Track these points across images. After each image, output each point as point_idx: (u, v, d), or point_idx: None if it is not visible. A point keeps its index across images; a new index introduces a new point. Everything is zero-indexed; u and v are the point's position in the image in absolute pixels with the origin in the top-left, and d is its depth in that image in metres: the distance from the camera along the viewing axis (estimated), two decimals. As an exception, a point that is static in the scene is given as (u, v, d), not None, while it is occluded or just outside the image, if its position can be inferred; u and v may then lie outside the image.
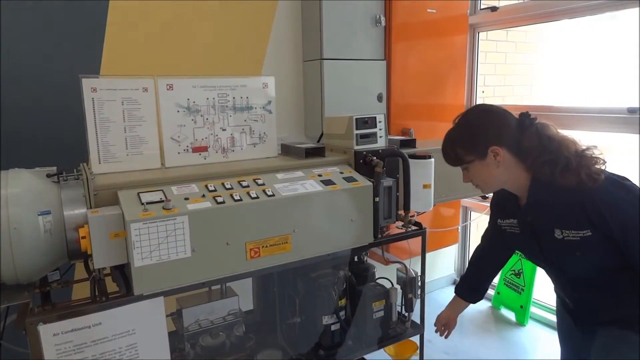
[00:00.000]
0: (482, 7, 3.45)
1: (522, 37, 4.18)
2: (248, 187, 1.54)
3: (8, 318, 1.44)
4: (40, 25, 2.07)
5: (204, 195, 1.46)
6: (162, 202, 1.38)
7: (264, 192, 1.53)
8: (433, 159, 1.85)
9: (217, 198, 1.45)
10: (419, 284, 1.96)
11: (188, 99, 1.65)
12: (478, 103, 3.50)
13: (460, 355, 2.92)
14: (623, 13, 2.82)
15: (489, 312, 3.50)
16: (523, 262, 3.38)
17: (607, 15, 2.93)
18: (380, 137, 1.86)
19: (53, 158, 1.68)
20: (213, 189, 1.50)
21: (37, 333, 1.24)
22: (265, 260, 1.53)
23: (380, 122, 1.85)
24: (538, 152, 1.38)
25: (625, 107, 2.64)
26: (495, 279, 3.52)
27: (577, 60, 4.16)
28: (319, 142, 2.16)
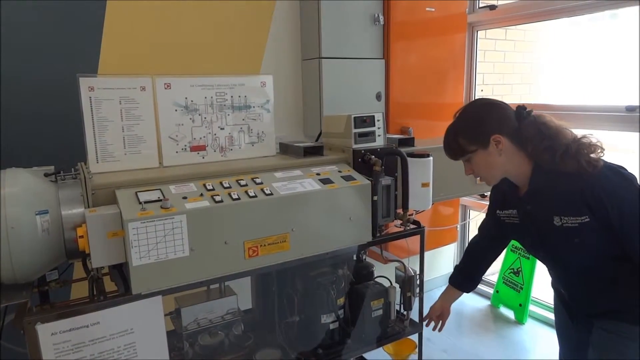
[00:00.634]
0: (480, 5, 3.44)
1: (521, 35, 4.18)
2: (246, 186, 1.54)
3: (6, 317, 1.44)
4: (39, 25, 2.07)
5: (202, 194, 1.45)
6: (160, 201, 1.38)
7: (262, 191, 1.52)
8: (431, 158, 1.85)
9: (215, 197, 1.44)
10: (418, 283, 1.97)
11: (186, 98, 1.65)
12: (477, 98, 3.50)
13: (459, 354, 2.92)
14: (622, 11, 2.82)
15: (488, 310, 3.49)
16: (522, 260, 3.38)
17: (606, 14, 2.93)
18: (379, 135, 1.86)
19: (51, 157, 1.68)
20: (211, 188, 1.49)
21: (35, 332, 1.24)
22: (264, 259, 1.52)
23: (379, 120, 1.85)
24: (538, 139, 1.41)
25: (624, 105, 2.64)
26: (495, 279, 3.56)
27: (576, 59, 4.16)
28: (318, 140, 2.16)
